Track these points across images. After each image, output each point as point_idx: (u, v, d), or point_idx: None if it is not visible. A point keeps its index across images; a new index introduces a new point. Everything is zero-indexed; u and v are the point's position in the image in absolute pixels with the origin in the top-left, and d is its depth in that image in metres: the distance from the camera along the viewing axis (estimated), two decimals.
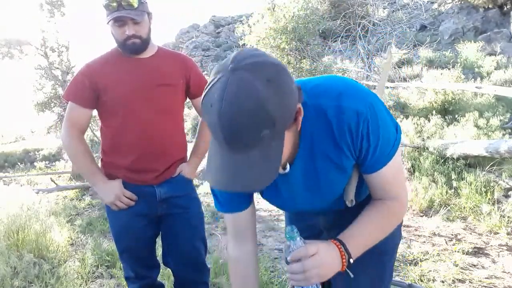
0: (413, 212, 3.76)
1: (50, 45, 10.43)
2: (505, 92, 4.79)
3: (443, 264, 2.57)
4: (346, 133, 0.87)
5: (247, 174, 0.74)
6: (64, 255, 3.00)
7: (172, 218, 1.66)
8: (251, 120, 0.68)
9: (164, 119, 1.60)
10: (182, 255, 1.68)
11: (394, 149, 0.93)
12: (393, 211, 0.98)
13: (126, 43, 1.51)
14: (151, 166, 1.59)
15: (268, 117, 0.69)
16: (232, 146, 0.73)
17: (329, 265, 0.86)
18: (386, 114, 0.91)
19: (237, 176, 0.75)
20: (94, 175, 1.58)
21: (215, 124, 0.71)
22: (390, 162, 0.92)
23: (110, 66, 1.57)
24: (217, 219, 4.19)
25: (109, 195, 1.54)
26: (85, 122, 1.60)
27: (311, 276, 0.84)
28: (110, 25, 1.51)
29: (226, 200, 1.07)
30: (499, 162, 3.75)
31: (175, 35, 40.20)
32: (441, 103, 6.54)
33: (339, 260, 0.88)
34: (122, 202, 1.55)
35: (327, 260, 0.86)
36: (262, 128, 0.70)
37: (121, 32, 1.50)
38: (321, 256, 0.85)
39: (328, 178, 0.95)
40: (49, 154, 15.97)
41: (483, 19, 14.84)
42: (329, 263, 0.87)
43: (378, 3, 9.54)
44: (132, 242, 1.63)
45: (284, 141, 0.77)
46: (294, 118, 0.78)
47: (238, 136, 0.70)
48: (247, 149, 0.73)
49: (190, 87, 1.70)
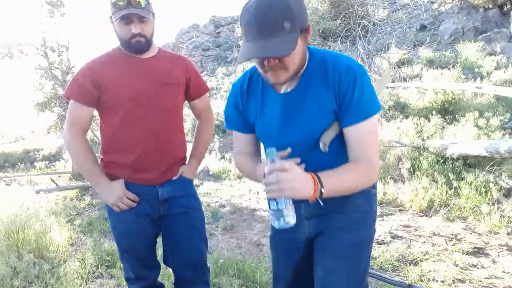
0: (413, 212, 3.76)
1: (50, 45, 10.42)
2: (505, 92, 4.79)
3: (443, 264, 2.57)
4: (336, 78, 1.10)
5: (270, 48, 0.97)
6: (64, 255, 3.00)
7: (173, 218, 1.66)
8: (277, 12, 0.96)
9: (167, 118, 1.61)
10: (184, 255, 1.68)
11: (372, 112, 1.10)
12: (365, 170, 1.10)
13: (131, 41, 1.51)
14: (154, 165, 1.59)
15: (290, 12, 0.97)
16: (261, 34, 0.97)
17: (301, 183, 0.96)
18: (371, 86, 1.11)
19: (263, 49, 0.98)
20: (96, 176, 1.57)
21: (250, 19, 0.98)
22: (367, 122, 1.09)
23: (112, 65, 1.56)
24: (217, 219, 4.19)
25: (111, 196, 1.54)
26: (87, 121, 1.59)
27: (284, 187, 0.93)
28: (116, 23, 1.51)
29: (233, 120, 1.32)
30: (499, 162, 3.75)
31: (175, 35, 40.18)
32: (441, 103, 6.54)
33: (311, 185, 0.98)
34: (124, 203, 1.55)
35: (300, 178, 0.97)
36: (285, 19, 0.97)
37: (127, 31, 1.50)
38: (295, 172, 0.96)
39: (309, 112, 1.14)
40: (49, 154, 15.96)
41: (483, 19, 14.84)
42: (302, 181, 0.97)
43: (378, 3, 9.54)
44: (134, 242, 1.63)
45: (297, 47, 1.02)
46: (306, 30, 1.05)
47: (268, 23, 0.96)
48: (272, 35, 0.97)
49: (190, 88, 1.71)
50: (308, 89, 1.14)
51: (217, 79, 22.80)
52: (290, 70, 1.07)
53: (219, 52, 32.97)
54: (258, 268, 2.55)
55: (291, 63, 1.05)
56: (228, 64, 27.77)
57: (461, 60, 10.27)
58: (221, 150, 10.95)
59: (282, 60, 1.04)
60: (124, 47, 1.56)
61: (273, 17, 0.96)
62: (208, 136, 1.85)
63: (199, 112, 1.82)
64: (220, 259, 2.71)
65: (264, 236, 3.57)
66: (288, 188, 0.94)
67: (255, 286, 2.38)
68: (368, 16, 9.16)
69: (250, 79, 1.27)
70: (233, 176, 7.26)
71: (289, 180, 0.94)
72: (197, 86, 1.74)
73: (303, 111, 1.15)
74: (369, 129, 1.10)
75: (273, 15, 0.96)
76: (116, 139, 1.58)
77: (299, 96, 1.15)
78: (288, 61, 1.04)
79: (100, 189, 1.57)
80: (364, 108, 1.09)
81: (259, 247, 3.31)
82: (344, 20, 9.40)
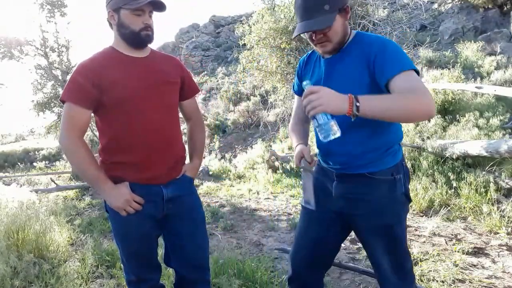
0: (413, 212, 3.76)
1: (50, 45, 10.41)
2: (505, 92, 4.79)
3: (443, 264, 2.57)
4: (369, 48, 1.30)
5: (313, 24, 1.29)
6: (64, 255, 3.00)
7: (176, 217, 1.65)
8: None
9: (168, 117, 1.61)
10: (187, 255, 1.67)
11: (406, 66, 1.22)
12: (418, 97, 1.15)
13: (141, 33, 1.51)
14: (158, 164, 1.58)
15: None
16: (307, 14, 1.29)
17: (331, 98, 1.12)
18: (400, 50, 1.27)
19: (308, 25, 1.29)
20: (100, 181, 1.52)
21: (300, 4, 1.32)
22: (406, 74, 1.20)
23: (111, 65, 1.54)
24: (217, 219, 4.19)
25: (118, 201, 1.50)
26: (85, 124, 1.54)
27: (315, 104, 1.11)
28: (126, 14, 1.49)
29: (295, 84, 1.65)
30: (499, 162, 3.75)
31: (175, 35, 40.16)
32: (441, 103, 6.54)
33: (344, 99, 1.12)
34: (132, 207, 1.52)
35: (329, 94, 1.13)
36: (325, 2, 1.27)
37: (139, 22, 1.50)
38: (323, 91, 1.13)
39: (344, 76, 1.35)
40: (49, 154, 15.98)
41: (483, 19, 14.83)
42: (332, 96, 1.12)
43: (378, 3, 9.53)
44: (138, 244, 1.61)
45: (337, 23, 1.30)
46: (344, 9, 1.31)
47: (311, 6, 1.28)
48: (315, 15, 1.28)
49: (184, 88, 1.72)
50: (347, 57, 1.36)
51: (217, 79, 22.79)
52: (333, 41, 1.34)
53: (219, 52, 32.95)
54: (258, 268, 2.55)
55: (333, 35, 1.32)
56: (228, 64, 27.75)
57: (461, 60, 10.27)
58: (221, 150, 10.96)
59: (325, 34, 1.31)
60: (131, 39, 1.53)
61: (315, 3, 1.28)
62: (203, 135, 1.86)
63: (190, 113, 1.82)
64: (220, 259, 2.71)
65: (264, 236, 3.57)
66: (319, 104, 1.11)
67: (255, 286, 2.37)
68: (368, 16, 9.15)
69: (310, 55, 1.58)
70: (233, 176, 7.26)
71: (319, 97, 1.11)
72: (190, 87, 1.75)
73: (339, 74, 1.37)
74: (410, 78, 1.20)
75: (314, 2, 1.28)
76: (119, 140, 1.55)
77: (339, 61, 1.38)
78: (330, 34, 1.32)
79: (105, 194, 1.52)
80: (396, 64, 1.23)
81: (259, 247, 3.31)
82: None
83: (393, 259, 1.42)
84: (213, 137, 12.11)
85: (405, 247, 1.45)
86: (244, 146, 10.67)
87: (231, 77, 20.26)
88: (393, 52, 1.26)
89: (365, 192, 1.37)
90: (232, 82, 18.40)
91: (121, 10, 1.50)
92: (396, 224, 1.40)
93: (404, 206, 1.44)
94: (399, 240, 1.42)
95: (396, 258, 1.43)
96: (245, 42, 9.31)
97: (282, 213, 4.28)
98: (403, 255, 1.44)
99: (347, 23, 1.36)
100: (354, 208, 1.41)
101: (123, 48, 1.57)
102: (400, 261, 1.43)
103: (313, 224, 1.55)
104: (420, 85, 1.18)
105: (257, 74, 8.90)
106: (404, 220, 1.44)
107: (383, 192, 1.38)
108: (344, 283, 2.47)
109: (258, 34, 8.69)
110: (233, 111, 14.14)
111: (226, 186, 6.37)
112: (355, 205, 1.40)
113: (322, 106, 1.11)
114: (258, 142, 9.27)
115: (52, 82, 10.73)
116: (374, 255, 1.45)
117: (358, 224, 1.46)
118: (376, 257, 1.45)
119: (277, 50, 8.81)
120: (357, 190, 1.33)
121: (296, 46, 8.90)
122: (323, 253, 1.57)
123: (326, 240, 1.54)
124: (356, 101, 1.11)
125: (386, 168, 1.37)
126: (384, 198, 1.38)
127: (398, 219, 1.41)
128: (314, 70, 1.50)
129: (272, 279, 2.48)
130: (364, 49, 1.32)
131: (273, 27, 8.44)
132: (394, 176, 1.38)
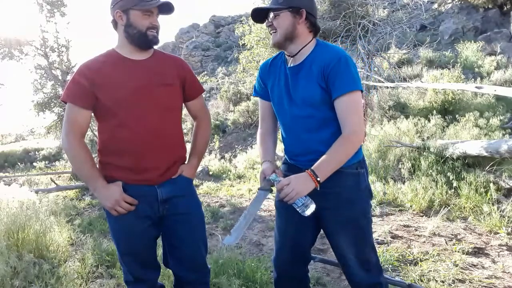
0: (413, 212, 3.76)
1: (50, 45, 10.39)
2: (505, 92, 4.78)
3: (443, 264, 2.57)
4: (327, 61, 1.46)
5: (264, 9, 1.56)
6: (64, 255, 3.00)
7: (173, 218, 1.65)
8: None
9: (165, 119, 1.61)
10: (183, 256, 1.67)
11: (353, 87, 1.43)
12: (350, 140, 1.43)
13: (147, 33, 1.54)
14: (154, 166, 1.59)
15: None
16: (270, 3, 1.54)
17: (301, 185, 1.37)
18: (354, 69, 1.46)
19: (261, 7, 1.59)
20: (93, 180, 1.55)
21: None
22: (348, 96, 1.42)
23: (110, 66, 1.56)
24: (217, 219, 4.19)
25: (108, 200, 1.52)
26: (85, 124, 1.57)
27: (291, 195, 1.36)
28: (135, 14, 1.52)
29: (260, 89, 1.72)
30: (499, 162, 3.75)
31: (175, 35, 40.15)
32: (441, 103, 6.55)
33: (310, 180, 1.38)
34: (122, 207, 1.53)
35: (298, 182, 1.37)
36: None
37: (147, 22, 1.54)
38: (294, 182, 1.38)
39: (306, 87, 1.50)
40: (49, 154, 15.97)
41: (483, 19, 14.84)
42: (301, 183, 1.37)
43: (378, 3, 9.53)
44: (133, 244, 1.62)
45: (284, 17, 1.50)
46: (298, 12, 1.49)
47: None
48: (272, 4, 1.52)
49: (186, 88, 1.71)
50: (308, 68, 1.51)
51: (217, 79, 22.79)
52: (278, 32, 1.51)
53: (219, 52, 32.95)
54: (258, 268, 2.55)
55: (277, 26, 1.51)
56: (228, 64, 27.75)
57: (461, 60, 10.28)
58: (221, 150, 10.96)
59: (272, 24, 1.52)
60: (137, 39, 1.55)
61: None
62: (206, 136, 1.84)
63: (195, 113, 1.82)
64: (220, 259, 2.71)
65: (264, 236, 3.57)
66: (295, 193, 1.36)
67: (255, 286, 2.38)
68: (368, 16, 9.16)
69: (272, 60, 1.70)
70: (233, 176, 7.26)
71: (293, 188, 1.36)
72: (192, 87, 1.74)
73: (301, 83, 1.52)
74: (353, 103, 1.43)
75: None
76: (115, 141, 1.57)
77: (300, 71, 1.53)
78: (276, 24, 1.51)
79: (97, 192, 1.55)
80: (344, 84, 1.43)
81: (259, 247, 3.31)
82: (344, 20, 9.38)
83: (359, 251, 1.55)
84: (213, 137, 12.11)
85: (371, 240, 1.59)
86: (244, 146, 10.67)
87: (231, 77, 20.28)
88: (343, 71, 1.43)
89: (333, 185, 1.48)
90: (232, 82, 18.41)
91: (130, 10, 1.52)
92: (362, 216, 1.55)
93: (368, 199, 1.60)
94: (365, 232, 1.56)
95: (362, 250, 1.55)
96: (245, 42, 9.31)
97: None
98: (369, 248, 1.57)
99: (299, 27, 1.52)
100: (324, 201, 1.48)
101: (126, 50, 1.59)
102: (365, 254, 1.56)
103: (291, 222, 1.63)
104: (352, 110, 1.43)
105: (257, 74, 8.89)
106: (368, 214, 1.59)
107: (350, 184, 1.53)
108: (344, 283, 2.47)
109: (258, 34, 8.69)
110: (233, 111, 14.14)
111: (226, 186, 6.37)
112: (325, 198, 1.48)
113: (298, 194, 1.36)
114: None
115: (52, 82, 10.71)
116: (341, 247, 1.57)
117: (326, 217, 1.56)
118: (342, 249, 1.56)
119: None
120: (326, 184, 1.41)
121: None
122: (303, 249, 1.68)
123: (304, 236, 1.65)
124: (316, 176, 1.37)
125: (351, 163, 1.51)
126: (351, 189, 1.53)
127: (363, 212, 1.56)
128: (280, 76, 1.61)
129: (272, 279, 2.48)
130: (323, 62, 1.48)
131: None
132: (358, 170, 1.55)
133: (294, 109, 1.54)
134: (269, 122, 1.73)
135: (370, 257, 1.57)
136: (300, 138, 1.56)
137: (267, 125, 1.73)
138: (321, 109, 1.49)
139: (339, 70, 1.43)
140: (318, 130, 1.51)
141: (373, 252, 1.59)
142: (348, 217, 1.52)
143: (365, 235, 1.56)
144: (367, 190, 1.59)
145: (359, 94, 1.45)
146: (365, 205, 1.58)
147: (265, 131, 1.72)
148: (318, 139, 1.51)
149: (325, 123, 1.50)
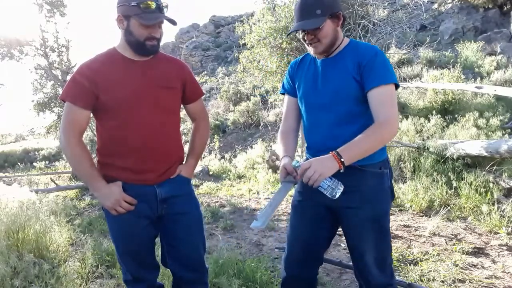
0: (413, 212, 3.76)
1: (50, 45, 10.39)
2: (505, 92, 4.79)
3: (443, 264, 2.57)
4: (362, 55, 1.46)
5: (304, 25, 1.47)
6: (64, 255, 2.99)
7: (171, 218, 1.65)
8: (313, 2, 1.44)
9: (165, 120, 1.61)
10: (182, 256, 1.68)
11: (390, 80, 1.42)
12: (383, 128, 1.38)
13: (146, 43, 1.51)
14: (154, 166, 1.59)
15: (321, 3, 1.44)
16: (302, 16, 1.48)
17: (323, 166, 1.32)
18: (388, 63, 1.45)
19: (300, 26, 1.48)
20: (93, 179, 1.54)
21: (297, 7, 1.50)
22: (385, 88, 1.41)
23: (110, 66, 1.55)
24: (217, 219, 4.19)
25: (108, 200, 1.52)
26: (84, 124, 1.56)
27: (314, 178, 1.30)
28: (134, 23, 1.49)
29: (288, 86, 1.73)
30: (499, 162, 3.75)
31: (175, 35, 40.16)
32: (441, 103, 6.55)
33: (332, 160, 1.32)
34: (122, 207, 1.53)
35: (320, 164, 1.32)
36: (317, 8, 1.44)
37: (146, 33, 1.50)
38: (315, 164, 1.32)
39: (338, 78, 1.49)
40: (49, 154, 15.99)
41: (483, 19, 14.84)
42: (323, 164, 1.32)
43: (378, 3, 9.52)
44: (132, 244, 1.62)
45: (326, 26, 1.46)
46: (336, 16, 1.48)
47: (306, 10, 1.46)
48: (308, 18, 1.45)
49: (186, 91, 1.71)
50: (342, 60, 1.51)
51: (217, 79, 22.80)
52: (322, 42, 1.48)
53: (219, 52, 32.95)
54: (258, 268, 2.55)
55: (322, 37, 1.47)
56: (228, 64, 27.75)
57: (461, 60, 10.28)
58: (221, 150, 10.96)
59: (316, 35, 1.47)
60: (135, 47, 1.54)
61: (310, 5, 1.45)
62: (204, 137, 1.84)
63: (194, 115, 1.82)
64: (220, 259, 2.71)
65: (264, 236, 3.57)
66: (318, 176, 1.30)
67: (255, 286, 2.37)
68: (368, 16, 9.15)
69: (303, 58, 1.70)
70: (233, 176, 7.26)
71: (315, 170, 1.30)
72: (192, 90, 1.74)
73: (334, 74, 1.51)
74: (386, 94, 1.41)
75: (309, 3, 1.45)
76: (114, 142, 1.56)
77: (334, 63, 1.53)
78: (320, 36, 1.47)
79: (97, 192, 1.55)
80: (380, 76, 1.41)
81: (259, 247, 3.31)
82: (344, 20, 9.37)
83: (379, 250, 1.52)
84: (213, 137, 12.11)
85: (389, 241, 1.56)
86: (244, 146, 10.67)
87: (231, 77, 20.27)
88: (380, 64, 1.43)
89: (357, 184, 1.46)
90: (232, 82, 18.40)
91: (131, 18, 1.49)
92: (384, 216, 1.53)
93: (389, 199, 1.57)
94: (386, 232, 1.53)
95: (381, 250, 1.53)
96: (246, 41, 9.30)
97: (282, 213, 4.27)
98: (387, 248, 1.55)
99: (339, 29, 1.52)
100: (348, 201, 1.46)
101: (126, 51, 1.58)
102: (383, 254, 1.54)
103: (305, 222, 1.61)
104: (388, 101, 1.41)
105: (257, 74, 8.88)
106: (389, 214, 1.57)
107: (373, 183, 1.50)
108: (344, 283, 2.47)
109: (258, 34, 8.69)
110: (233, 111, 14.14)
111: (226, 186, 6.37)
112: (349, 198, 1.45)
113: (321, 176, 1.31)
114: (258, 142, 9.27)
115: (52, 82, 10.71)
116: (361, 247, 1.53)
117: (348, 216, 1.53)
118: (362, 249, 1.53)
119: (277, 50, 8.81)
120: (350, 183, 1.39)
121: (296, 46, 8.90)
122: (316, 250, 1.64)
123: (318, 237, 1.61)
124: (340, 157, 1.32)
125: (375, 162, 1.49)
126: (374, 189, 1.51)
127: (385, 211, 1.54)
128: (309, 70, 1.61)
129: (272, 279, 2.48)
130: (358, 55, 1.48)
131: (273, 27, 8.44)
132: (382, 169, 1.52)
133: (319, 100, 1.53)
134: (292, 120, 1.71)
135: (387, 257, 1.55)
136: (324, 132, 1.53)
137: (290, 123, 1.71)
138: (349, 103, 1.48)
139: (376, 62, 1.43)
140: (342, 125, 1.49)
141: (390, 253, 1.57)
142: (371, 217, 1.49)
143: (385, 235, 1.53)
144: (390, 190, 1.56)
145: (394, 87, 1.45)
146: (387, 205, 1.56)
147: (287, 129, 1.70)
148: (345, 134, 1.47)
149: (350, 118, 1.48)
